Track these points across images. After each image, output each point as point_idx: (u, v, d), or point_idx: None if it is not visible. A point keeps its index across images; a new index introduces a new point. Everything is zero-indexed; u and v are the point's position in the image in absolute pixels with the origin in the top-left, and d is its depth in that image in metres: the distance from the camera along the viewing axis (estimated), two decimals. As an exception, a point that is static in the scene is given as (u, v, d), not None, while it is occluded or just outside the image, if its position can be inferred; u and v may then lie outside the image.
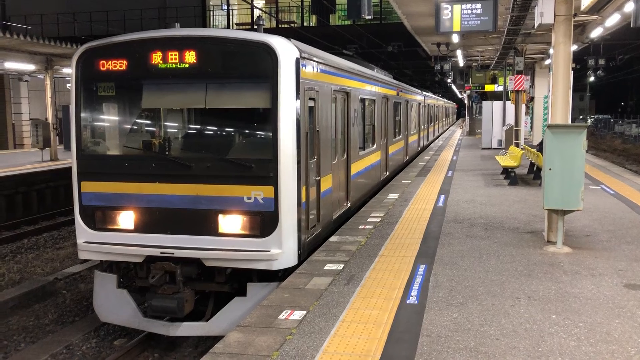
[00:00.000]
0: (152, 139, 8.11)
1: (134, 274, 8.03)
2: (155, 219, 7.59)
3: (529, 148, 18.20)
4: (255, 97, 7.61)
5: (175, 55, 7.45)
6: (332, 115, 9.58)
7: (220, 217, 7.39)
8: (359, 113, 11.86)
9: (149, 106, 8.27)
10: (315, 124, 8.51)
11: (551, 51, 9.28)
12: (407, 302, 6.22)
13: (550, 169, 8.17)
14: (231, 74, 7.55)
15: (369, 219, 10.65)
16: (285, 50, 7.34)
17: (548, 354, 4.92)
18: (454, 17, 10.06)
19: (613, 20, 16.06)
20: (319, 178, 8.59)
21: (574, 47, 15.42)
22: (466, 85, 39.09)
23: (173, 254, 7.41)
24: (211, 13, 39.05)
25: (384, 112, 15.45)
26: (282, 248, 7.27)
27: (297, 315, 5.86)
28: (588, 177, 15.61)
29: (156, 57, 7.51)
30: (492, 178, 16.90)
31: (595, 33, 19.26)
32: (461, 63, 30.91)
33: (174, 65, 7.46)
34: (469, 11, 9.99)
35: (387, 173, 16.36)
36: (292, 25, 27.75)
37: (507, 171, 16.45)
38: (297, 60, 7.46)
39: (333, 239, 9.16)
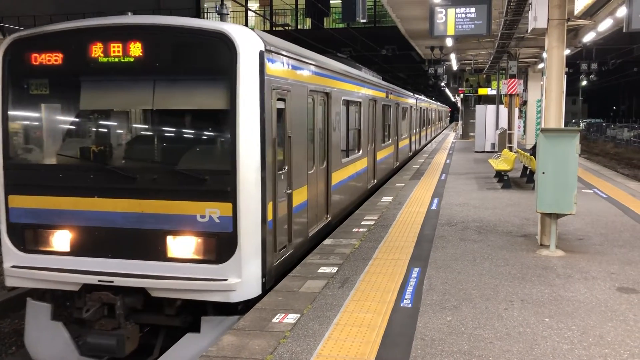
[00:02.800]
0: (90, 146, 6.93)
1: (71, 303, 6.82)
2: (94, 241, 6.52)
3: (522, 152, 18.28)
4: (210, 96, 6.52)
5: (118, 47, 6.38)
6: (309, 118, 8.61)
7: (170, 239, 6.34)
8: (341, 116, 10.91)
9: (87, 107, 6.97)
10: (287, 128, 7.46)
11: (544, 55, 9.32)
12: (401, 305, 6.23)
13: (543, 173, 8.20)
14: (183, 70, 6.41)
15: (363, 222, 10.66)
16: (247, 41, 6.29)
17: (541, 358, 4.93)
18: (448, 21, 10.10)
19: (605, 25, 16.17)
20: (290, 191, 7.55)
21: (567, 52, 15.51)
22: (459, 88, 39.24)
23: (112, 282, 6.33)
24: (205, 15, 39.02)
25: (371, 116, 14.50)
26: (242, 276, 6.22)
27: (291, 318, 5.85)
28: (580, 181, 15.69)
29: (96, 50, 6.42)
30: (486, 181, 16.95)
31: (588, 37, 19.39)
32: (455, 67, 31.02)
33: (116, 59, 6.40)
34: (463, 15, 10.03)
35: (375, 181, 15.41)
36: (287, 28, 27.77)
37: (500, 175, 16.50)
38: (262, 54, 6.43)
39: (327, 242, 9.16)
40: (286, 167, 7.44)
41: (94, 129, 7.18)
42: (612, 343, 5.25)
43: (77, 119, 7.11)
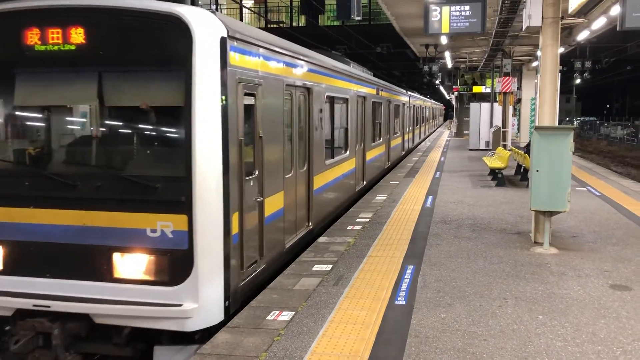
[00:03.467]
0: (26, 148, 6.07)
1: (4, 332, 5.87)
2: (29, 258, 5.66)
3: (516, 149, 18.33)
4: (163, 91, 5.69)
5: (57, 33, 5.49)
6: (286, 116, 7.83)
7: (116, 256, 5.52)
8: (326, 114, 10.06)
9: (23, 103, 6.03)
10: (257, 127, 6.65)
11: (539, 53, 9.34)
12: (396, 302, 6.24)
13: (537, 171, 8.23)
14: (132, 60, 5.60)
15: (358, 220, 10.66)
16: (205, 26, 5.46)
17: (535, 355, 4.96)
18: (443, 19, 10.10)
19: (599, 23, 16.23)
20: (261, 199, 6.72)
21: (561, 50, 15.56)
22: (454, 86, 39.30)
23: (49, 307, 5.46)
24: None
25: (360, 113, 13.69)
26: (200, 301, 5.38)
27: (286, 315, 5.85)
28: (574, 179, 15.75)
29: (32, 36, 5.54)
30: (480, 179, 16.99)
31: (582, 36, 19.46)
32: (449, 64, 31.06)
33: (56, 47, 5.51)
34: (458, 13, 10.03)
35: (365, 182, 14.60)
36: (281, 25, 27.71)
37: (494, 172, 16.54)
38: (223, 41, 5.62)
39: (322, 239, 9.16)
40: (256, 172, 6.62)
41: (30, 129, 6.21)
42: (605, 340, 5.28)
43: (10, 117, 6.08)
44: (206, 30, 5.48)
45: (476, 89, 36.98)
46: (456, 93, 41.32)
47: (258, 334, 5.41)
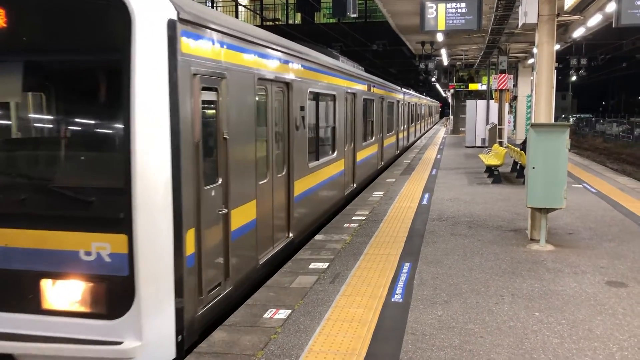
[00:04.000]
0: None
1: None
2: None
3: (513, 147, 18.35)
4: (97, 84, 4.84)
5: None
6: (259, 114, 6.99)
7: (45, 283, 4.63)
8: (309, 112, 9.22)
9: None
10: (221, 127, 5.80)
11: (535, 50, 9.35)
12: (392, 300, 6.23)
13: (533, 168, 8.24)
14: (61, 47, 4.64)
15: (354, 217, 10.66)
16: (148, 5, 4.57)
17: (532, 352, 4.96)
18: (439, 16, 10.08)
19: (595, 20, 16.25)
20: (226, 210, 5.86)
21: (557, 47, 15.57)
22: (450, 84, 39.33)
23: None
24: None
25: (349, 111, 12.82)
26: (144, 337, 4.52)
27: (282, 314, 5.84)
28: (570, 176, 15.78)
29: None
30: (476, 176, 17.01)
31: (578, 33, 19.49)
32: (445, 62, 31.08)
33: None
34: (454, 10, 10.02)
35: (355, 185, 13.72)
36: (277, 23, 27.67)
37: (490, 170, 16.56)
38: (172, 25, 4.72)
39: (318, 237, 9.15)
40: (220, 179, 5.78)
41: None
42: (601, 336, 5.29)
43: None
44: (149, 10, 4.56)
45: (472, 87, 37.01)
46: (452, 90, 41.34)
47: (255, 332, 5.40)
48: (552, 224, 9.77)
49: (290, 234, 8.39)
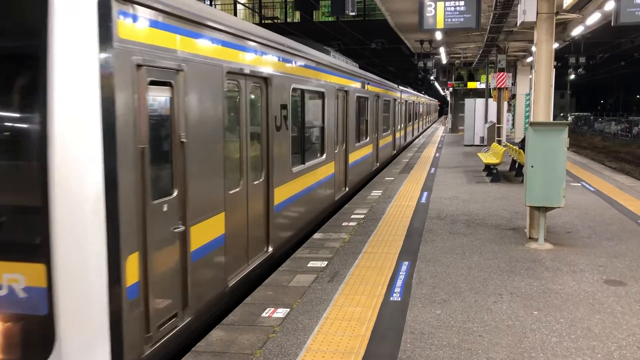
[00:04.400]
0: None
1: None
2: None
3: (511, 145, 18.35)
4: (9, 76, 3.93)
5: None
6: (230, 115, 6.17)
7: None
8: (292, 111, 8.35)
9: None
10: (177, 130, 4.94)
11: (533, 49, 9.34)
12: (391, 299, 6.23)
13: (532, 166, 8.23)
14: None
15: (353, 216, 10.65)
16: None
17: (530, 350, 4.96)
18: (438, 15, 10.07)
19: (593, 18, 16.24)
20: (183, 228, 5.02)
21: (555, 45, 15.58)
22: (449, 82, 39.32)
23: None
24: None
25: (340, 110, 12.01)
26: None
27: (281, 312, 5.83)
28: (569, 174, 15.79)
29: None
30: (475, 175, 17.01)
31: (577, 31, 19.48)
32: (444, 60, 31.06)
33: None
34: (453, 8, 10.01)
35: (347, 189, 12.92)
36: (275, 21, 27.63)
37: (489, 168, 16.56)
38: (105, 2, 3.89)
39: (317, 236, 9.14)
40: (175, 191, 4.94)
41: None
42: (600, 335, 5.28)
43: None
44: None
45: (471, 85, 37.01)
46: (451, 89, 41.34)
47: (253, 331, 5.39)
48: (551, 223, 9.77)
49: (270, 248, 7.44)
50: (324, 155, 10.66)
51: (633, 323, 5.57)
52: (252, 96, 6.89)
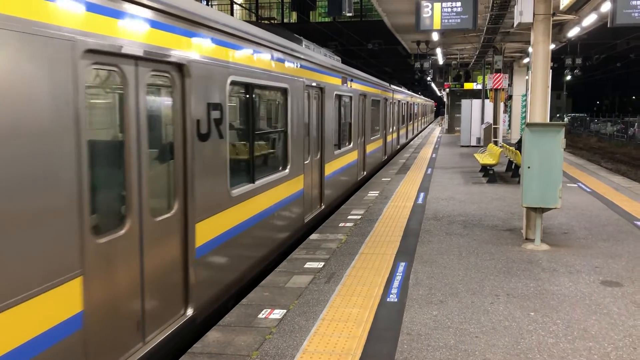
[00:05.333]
0: None
1: None
2: None
3: (508, 146, 18.38)
4: None
5: None
6: (96, 118, 4.25)
7: None
8: (230, 114, 6.46)
9: None
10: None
11: (530, 50, 9.35)
12: (388, 300, 6.22)
13: (528, 167, 8.24)
14: None
15: (349, 217, 10.64)
16: None
17: (527, 351, 4.95)
18: (434, 15, 10.08)
19: (590, 20, 16.28)
20: None
21: (552, 46, 15.64)
22: (445, 83, 39.37)
23: None
24: None
25: (314, 111, 10.17)
26: None
27: (277, 314, 5.81)
28: (565, 175, 15.81)
29: None
30: (471, 176, 17.02)
31: (573, 32, 19.53)
32: (441, 61, 31.10)
33: None
34: (449, 9, 10.01)
35: (323, 206, 10.94)
36: (272, 21, 27.62)
37: (485, 169, 16.58)
38: None
39: (313, 236, 9.13)
40: None
41: None
42: (596, 336, 5.29)
43: None
44: None
45: (467, 86, 37.07)
46: (447, 90, 41.39)
47: (249, 332, 5.37)
48: (547, 224, 9.78)
49: (189, 310, 5.35)
50: (287, 169, 8.52)
51: (629, 324, 5.57)
52: (152, 91, 4.84)
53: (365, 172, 16.37)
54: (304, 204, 9.55)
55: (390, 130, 22.88)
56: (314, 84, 10.07)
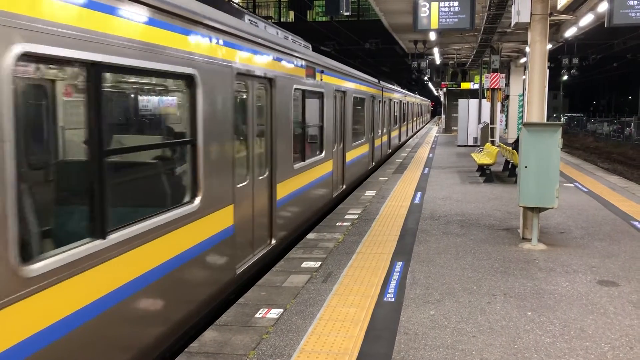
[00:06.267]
0: None
1: None
2: None
3: (504, 146, 18.39)
4: None
5: None
6: None
7: None
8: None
9: None
10: None
11: (527, 50, 9.36)
12: (385, 299, 6.22)
13: (526, 167, 8.24)
14: None
15: (347, 216, 10.64)
16: None
17: (524, 351, 4.96)
18: (432, 15, 10.07)
19: (587, 20, 16.31)
20: None
21: (549, 46, 15.67)
22: (442, 82, 39.38)
23: None
24: None
25: (251, 113, 7.24)
26: None
27: (274, 313, 5.81)
28: (562, 175, 15.83)
29: None
30: (468, 175, 17.03)
31: (570, 32, 19.57)
32: (438, 61, 31.11)
33: None
34: (447, 9, 10.01)
35: (273, 241, 7.91)
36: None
37: (482, 168, 16.59)
38: None
39: (310, 236, 9.12)
40: None
41: None
42: (593, 336, 5.29)
43: None
44: None
45: (464, 85, 37.09)
46: (444, 89, 41.41)
47: (246, 331, 5.36)
48: (544, 223, 9.79)
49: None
50: (197, 201, 5.59)
51: (626, 323, 5.58)
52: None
53: (344, 186, 13.63)
54: (232, 251, 6.51)
55: (380, 133, 20.36)
56: (256, 72, 7.19)
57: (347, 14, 10.16)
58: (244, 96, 7.15)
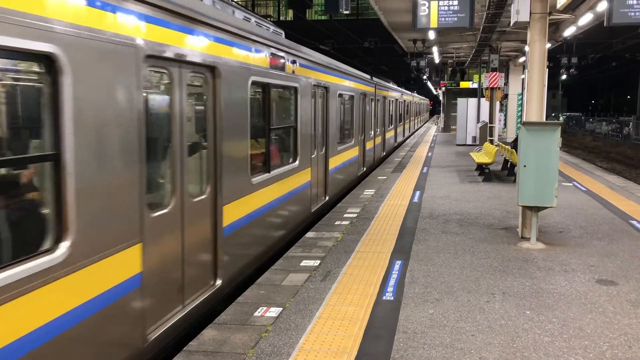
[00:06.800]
0: None
1: None
2: None
3: (503, 145, 18.41)
4: None
5: None
6: None
7: None
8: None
9: None
10: None
11: (526, 49, 9.36)
12: (384, 298, 6.22)
13: (524, 166, 8.25)
14: None
15: (345, 215, 10.64)
16: None
17: (523, 350, 4.96)
18: (431, 14, 10.07)
19: (586, 19, 16.30)
20: None
21: (548, 45, 15.65)
22: (441, 82, 39.40)
23: None
24: None
25: (194, 113, 5.89)
26: None
27: (273, 312, 5.80)
28: (560, 174, 15.83)
29: None
30: (467, 174, 17.04)
31: (569, 32, 19.54)
32: (437, 60, 31.11)
33: None
34: (446, 8, 10.01)
35: (219, 282, 6.20)
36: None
37: (481, 168, 16.60)
38: None
39: (309, 234, 9.12)
40: None
41: None
42: (592, 335, 5.30)
43: None
44: None
45: (463, 84, 37.11)
46: (443, 88, 41.42)
47: (245, 330, 5.36)
48: (543, 222, 9.80)
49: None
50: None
51: (624, 322, 5.59)
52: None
53: (327, 197, 11.83)
54: (143, 302, 4.75)
55: (372, 134, 18.69)
56: (187, 57, 5.38)
57: (347, 12, 10.15)
58: (162, 89, 5.29)
